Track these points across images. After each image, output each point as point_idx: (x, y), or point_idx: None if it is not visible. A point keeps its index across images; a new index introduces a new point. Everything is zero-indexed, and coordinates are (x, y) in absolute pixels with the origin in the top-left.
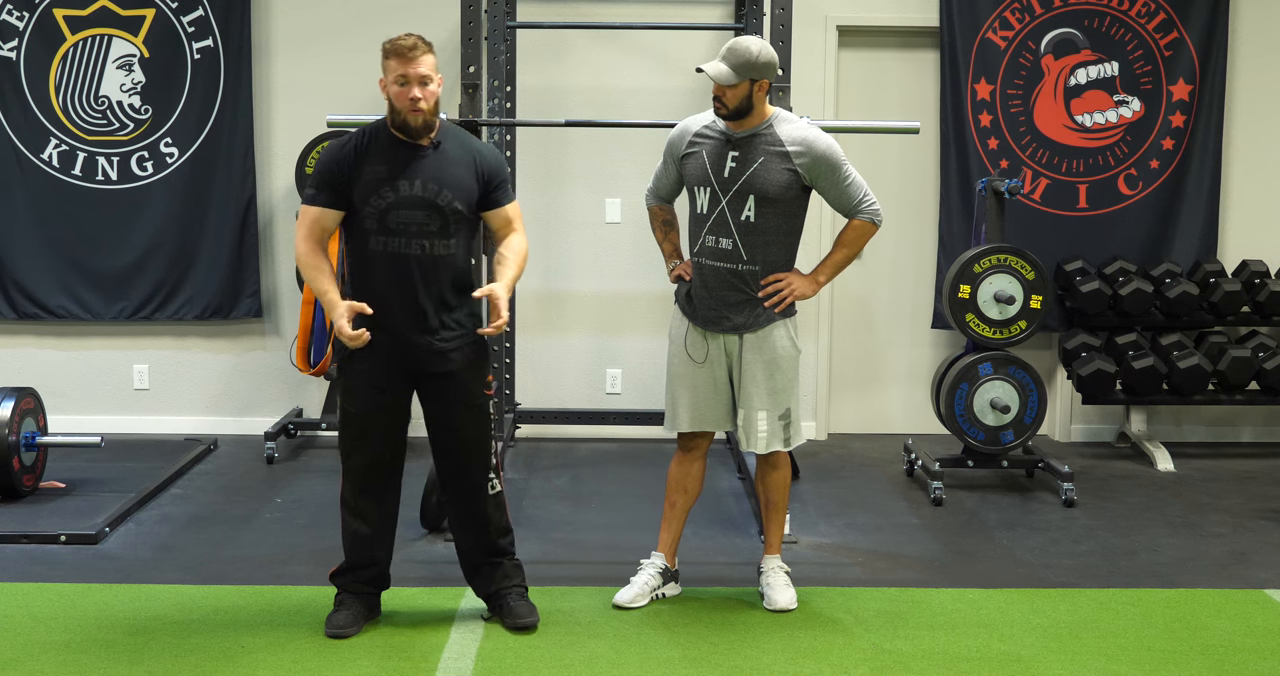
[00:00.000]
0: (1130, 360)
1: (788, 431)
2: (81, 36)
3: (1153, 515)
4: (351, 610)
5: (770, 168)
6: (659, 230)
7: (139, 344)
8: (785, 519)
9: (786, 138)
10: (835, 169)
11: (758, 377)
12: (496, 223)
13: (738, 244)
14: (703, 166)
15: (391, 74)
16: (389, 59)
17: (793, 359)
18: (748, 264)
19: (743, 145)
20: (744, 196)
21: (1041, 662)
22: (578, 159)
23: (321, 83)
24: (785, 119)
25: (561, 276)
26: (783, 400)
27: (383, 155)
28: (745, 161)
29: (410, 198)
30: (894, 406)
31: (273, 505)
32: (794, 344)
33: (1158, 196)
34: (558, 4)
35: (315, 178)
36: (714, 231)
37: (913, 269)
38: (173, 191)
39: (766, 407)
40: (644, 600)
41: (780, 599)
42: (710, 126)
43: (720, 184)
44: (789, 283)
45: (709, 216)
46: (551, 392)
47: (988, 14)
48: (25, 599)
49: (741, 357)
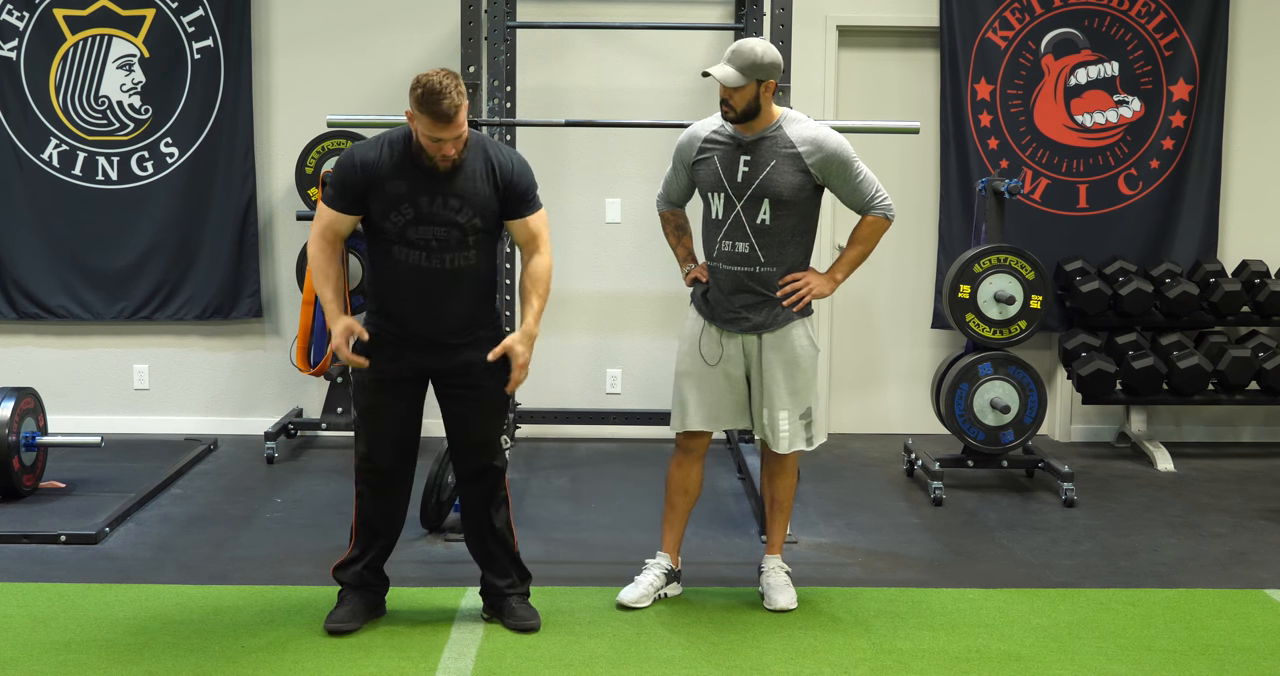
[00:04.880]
0: (1130, 360)
1: (810, 431)
2: (81, 36)
3: (1153, 515)
4: (352, 606)
5: (783, 170)
6: (672, 235)
7: (139, 344)
8: (788, 520)
9: (797, 138)
10: (846, 167)
11: (778, 377)
12: (520, 237)
13: (754, 247)
14: (716, 172)
15: (425, 128)
16: (424, 115)
17: (811, 358)
18: (765, 266)
19: (754, 149)
20: (759, 200)
21: (1041, 662)
22: (578, 159)
23: (321, 83)
24: (794, 119)
25: (561, 276)
26: (803, 399)
27: (405, 171)
28: (758, 165)
29: (430, 215)
30: (894, 406)
31: (273, 505)
32: (813, 343)
33: (1158, 196)
34: (558, 4)
35: (336, 180)
36: (730, 236)
37: (913, 269)
38: (173, 191)
39: (788, 407)
40: (648, 600)
41: (780, 599)
42: (719, 131)
43: (734, 189)
44: (807, 282)
45: (725, 221)
46: (551, 392)
47: (988, 14)
48: (25, 599)
49: (761, 357)
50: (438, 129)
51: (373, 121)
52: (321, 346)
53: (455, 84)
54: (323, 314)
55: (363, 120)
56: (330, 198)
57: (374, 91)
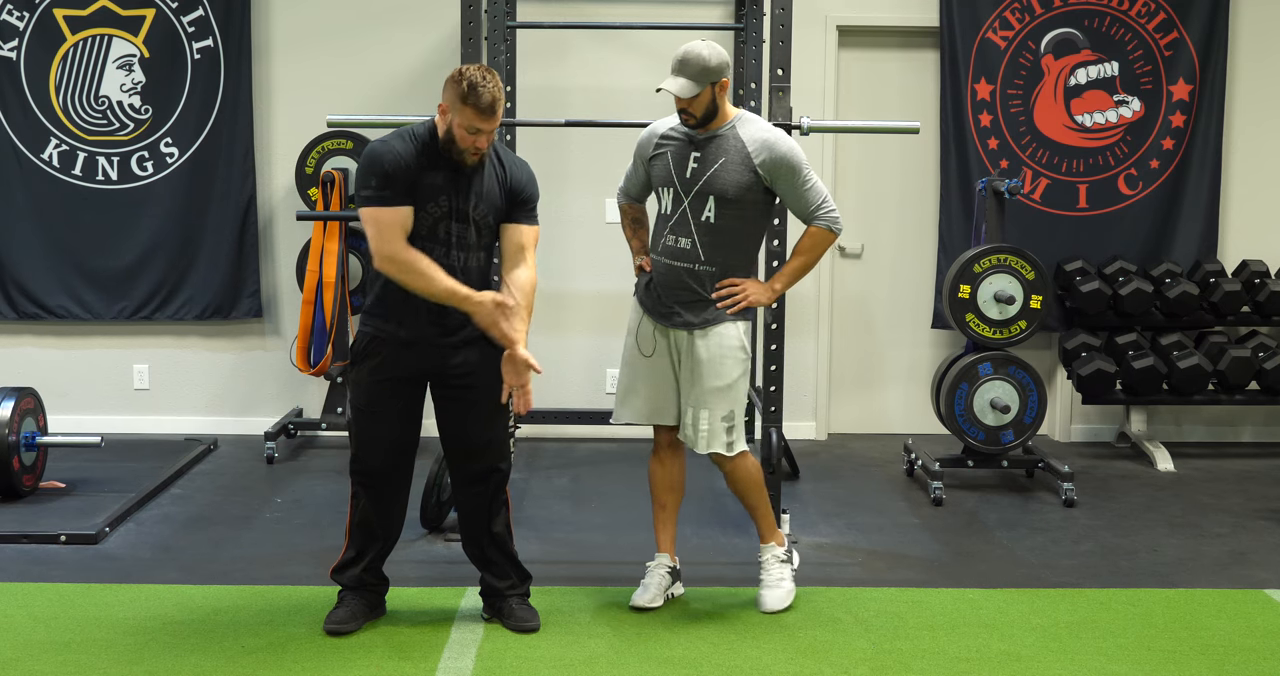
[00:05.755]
0: (1130, 360)
1: (731, 435)
2: (81, 36)
3: (1153, 515)
4: (351, 607)
5: (730, 168)
6: (628, 228)
7: (139, 344)
8: (768, 511)
9: (748, 138)
10: (794, 172)
11: (702, 376)
12: (510, 244)
13: (696, 244)
14: (667, 167)
15: (465, 120)
16: (467, 107)
17: (739, 362)
18: (704, 264)
19: (705, 146)
20: (704, 197)
21: (1041, 662)
22: (578, 159)
23: (321, 83)
24: (748, 120)
25: (561, 276)
26: (725, 402)
27: (436, 164)
28: (706, 162)
29: (457, 211)
30: (894, 406)
31: (273, 505)
32: (743, 347)
33: (1158, 196)
34: (558, 4)
35: (381, 178)
36: (675, 231)
37: (913, 269)
38: (173, 191)
39: (709, 407)
40: (661, 600)
41: (768, 598)
42: (676, 128)
43: (682, 185)
44: (744, 288)
45: (671, 216)
46: (551, 392)
47: (988, 14)
48: (25, 599)
49: (688, 355)
50: (480, 120)
51: (373, 121)
52: (321, 346)
53: (495, 78)
54: (322, 314)
55: (363, 120)
56: (385, 197)
57: (374, 91)
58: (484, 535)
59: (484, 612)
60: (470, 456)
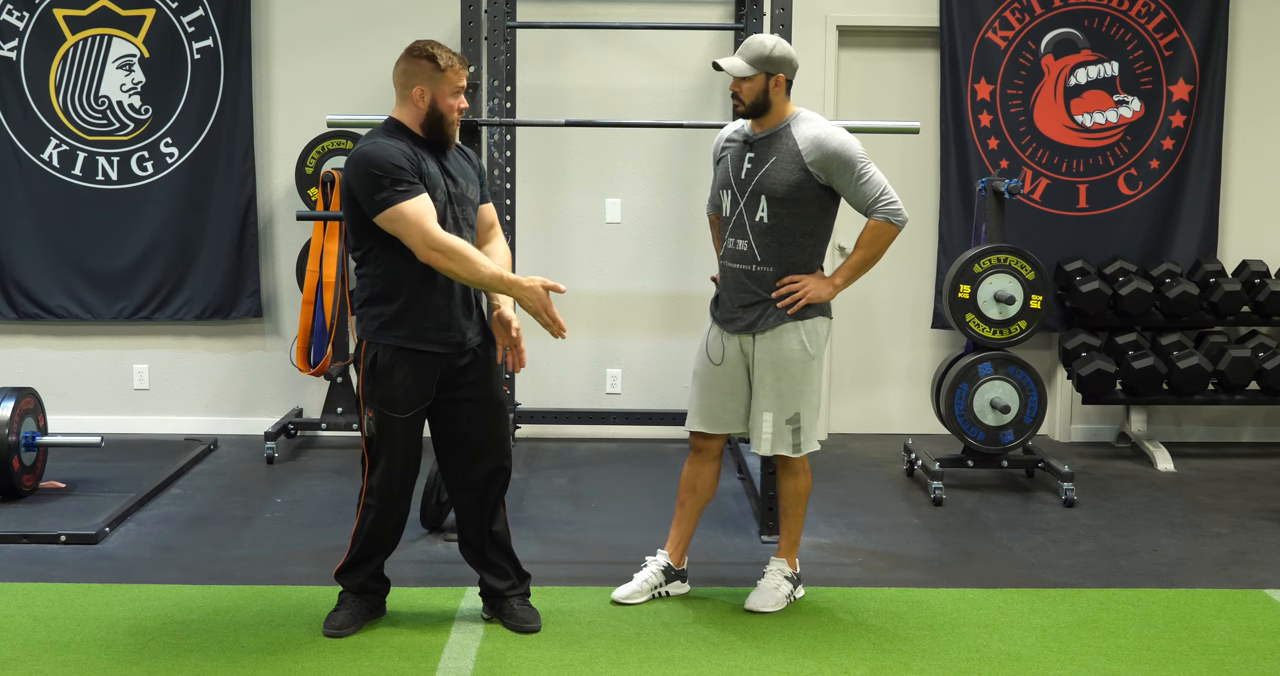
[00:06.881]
0: (1130, 360)
1: (796, 437)
2: (81, 36)
3: (1153, 515)
4: (351, 610)
5: (781, 167)
6: (716, 239)
7: (139, 344)
8: (798, 529)
9: (800, 137)
10: (848, 167)
11: (766, 379)
12: (482, 223)
13: (752, 245)
14: (726, 170)
15: (450, 86)
16: (445, 72)
17: (803, 362)
18: (761, 265)
19: (760, 146)
20: (757, 197)
21: (1041, 662)
22: (578, 159)
23: (321, 83)
24: (805, 118)
25: (561, 276)
26: (790, 404)
27: (425, 155)
28: (759, 162)
29: (457, 195)
30: (894, 406)
31: (273, 505)
32: (806, 348)
33: (1158, 196)
34: (558, 4)
35: (397, 172)
36: (734, 234)
37: (913, 269)
38: (173, 191)
39: (772, 409)
40: (642, 596)
41: (754, 598)
42: (739, 131)
43: (738, 185)
44: (804, 284)
45: (731, 219)
46: (551, 392)
47: (988, 14)
48: (25, 599)
49: (754, 358)
50: (462, 75)
51: (373, 121)
52: (321, 346)
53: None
54: (322, 314)
55: (363, 120)
56: (404, 192)
57: (374, 91)
58: (484, 536)
59: (484, 612)
60: (481, 456)
